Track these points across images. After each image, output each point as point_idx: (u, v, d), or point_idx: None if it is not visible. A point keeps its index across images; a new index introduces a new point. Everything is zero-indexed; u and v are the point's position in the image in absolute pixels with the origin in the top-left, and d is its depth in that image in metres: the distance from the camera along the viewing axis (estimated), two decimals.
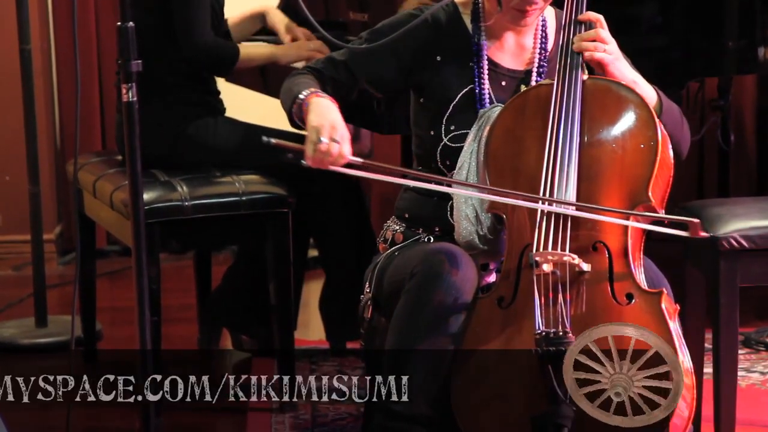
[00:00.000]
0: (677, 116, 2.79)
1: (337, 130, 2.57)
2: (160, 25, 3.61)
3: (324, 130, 2.56)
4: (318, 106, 2.63)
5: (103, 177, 3.67)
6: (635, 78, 2.72)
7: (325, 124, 2.57)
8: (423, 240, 2.82)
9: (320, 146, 2.55)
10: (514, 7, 2.71)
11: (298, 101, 2.67)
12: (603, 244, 2.57)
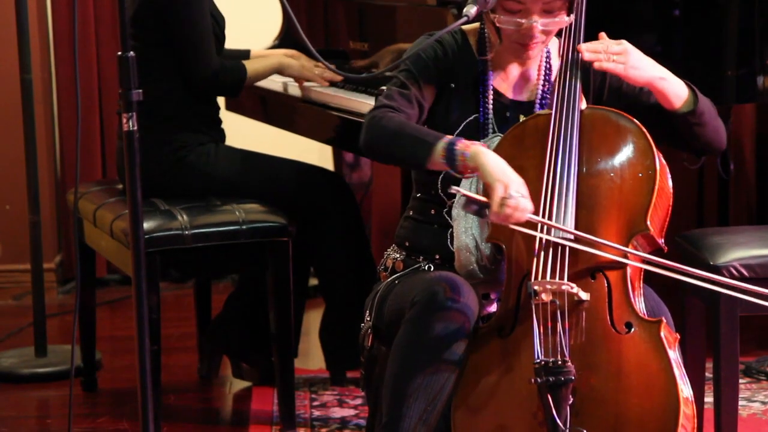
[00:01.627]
0: (712, 108, 2.79)
1: (523, 185, 2.52)
2: (161, 55, 3.62)
3: (512, 185, 2.50)
4: (489, 157, 2.55)
5: (104, 206, 3.67)
6: (662, 74, 2.71)
7: (513, 179, 2.51)
8: (423, 268, 2.82)
9: (509, 202, 2.48)
10: (515, 41, 2.72)
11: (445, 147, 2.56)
12: (602, 273, 2.57)
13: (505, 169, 2.53)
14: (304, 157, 3.94)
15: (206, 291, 4.07)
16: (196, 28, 3.58)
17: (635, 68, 2.69)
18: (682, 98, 2.73)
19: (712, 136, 2.78)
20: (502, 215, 2.49)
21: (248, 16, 4.97)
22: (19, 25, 4.18)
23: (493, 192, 2.50)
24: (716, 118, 2.79)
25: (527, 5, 2.66)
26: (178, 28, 3.59)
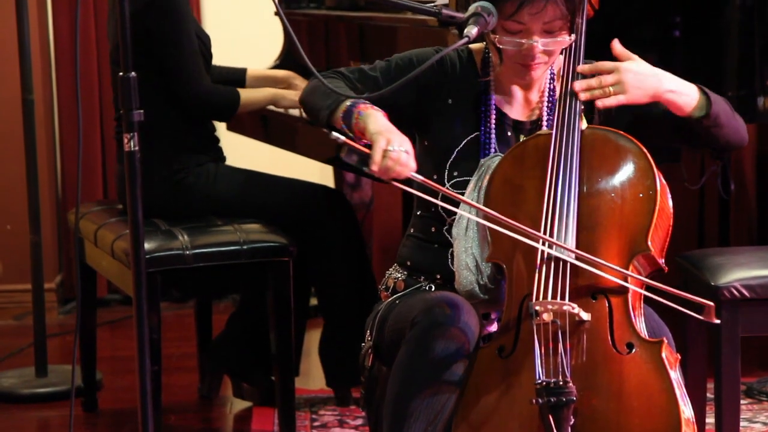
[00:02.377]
0: (726, 106, 2.77)
1: (405, 140, 2.55)
2: (153, 78, 3.62)
3: (395, 138, 2.54)
4: (377, 116, 2.60)
5: (105, 226, 3.67)
6: (664, 87, 2.69)
7: (394, 134, 2.55)
8: (424, 288, 2.81)
9: (391, 154, 2.51)
10: (516, 62, 2.72)
11: (346, 107, 2.63)
12: (603, 293, 2.56)
13: (390, 127, 2.57)
14: (305, 177, 3.94)
15: (207, 311, 4.07)
16: (183, 51, 3.59)
17: (636, 89, 2.69)
18: (692, 104, 2.72)
19: (732, 135, 2.78)
20: (383, 166, 2.52)
21: (249, 36, 4.98)
22: (21, 45, 4.19)
23: (375, 143, 2.53)
24: (733, 116, 2.78)
25: (528, 25, 2.66)
26: (164, 50, 3.60)
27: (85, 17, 4.98)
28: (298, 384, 3.65)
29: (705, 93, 2.74)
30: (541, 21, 2.66)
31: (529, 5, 2.63)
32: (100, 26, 5.03)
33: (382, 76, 2.80)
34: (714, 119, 2.72)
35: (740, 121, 2.81)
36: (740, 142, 2.82)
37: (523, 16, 2.64)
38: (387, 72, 2.81)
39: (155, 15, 3.56)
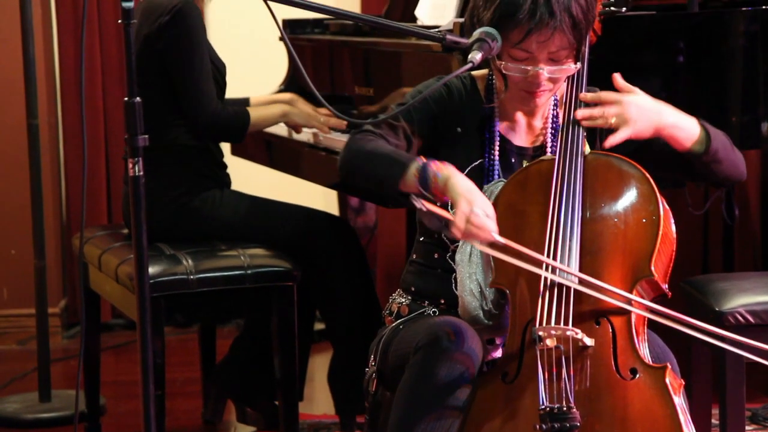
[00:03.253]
0: (726, 141, 2.77)
1: (488, 204, 2.53)
2: (164, 101, 3.64)
3: (477, 202, 2.51)
4: (458, 177, 2.56)
5: (109, 251, 3.68)
6: (665, 121, 2.69)
7: (478, 197, 2.52)
8: (428, 313, 2.81)
9: (474, 218, 2.49)
10: (522, 89, 2.73)
11: (418, 169, 2.57)
12: (606, 318, 2.56)
13: (472, 189, 2.54)
14: (309, 202, 3.95)
15: (211, 335, 4.07)
16: (195, 72, 3.60)
17: (639, 122, 2.69)
18: (692, 138, 2.72)
19: (730, 170, 2.77)
20: (466, 231, 2.49)
21: (254, 61, 5.00)
22: (27, 70, 4.21)
23: (458, 208, 2.50)
24: (732, 150, 2.78)
25: (534, 53, 2.67)
26: (177, 73, 3.61)
27: (90, 42, 5.00)
28: (302, 409, 3.64)
29: (705, 128, 2.74)
30: (547, 49, 2.66)
31: (536, 33, 2.63)
32: (105, 51, 5.05)
33: (407, 121, 2.78)
34: (713, 155, 2.73)
35: (739, 156, 2.81)
36: (739, 176, 2.81)
37: (530, 44, 2.65)
38: (409, 117, 2.78)
39: (170, 36, 3.58)
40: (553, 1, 2.62)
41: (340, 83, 4.13)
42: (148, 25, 3.61)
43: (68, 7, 5.02)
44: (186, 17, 3.58)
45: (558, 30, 2.63)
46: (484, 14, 2.67)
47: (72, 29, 5.02)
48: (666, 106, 2.74)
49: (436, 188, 2.57)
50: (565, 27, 2.63)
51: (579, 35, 2.67)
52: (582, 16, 2.65)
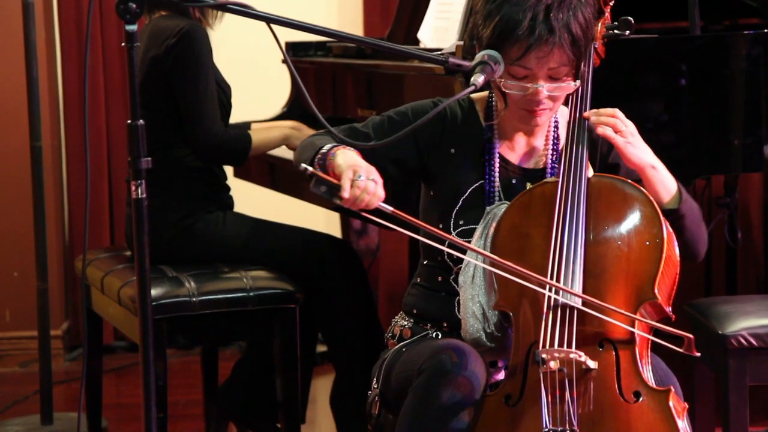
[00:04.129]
0: (697, 213, 2.78)
1: (372, 171, 2.56)
2: (168, 123, 3.65)
3: (361, 169, 2.55)
4: (347, 153, 2.62)
5: (111, 273, 3.68)
6: (654, 163, 2.71)
7: (361, 165, 2.57)
8: (431, 336, 2.81)
9: (359, 182, 2.52)
10: (521, 107, 2.73)
11: (322, 152, 2.65)
12: (609, 341, 2.56)
13: (358, 160, 2.59)
14: (312, 225, 3.95)
15: (213, 358, 4.06)
16: (199, 95, 3.61)
17: (634, 147, 2.70)
18: (669, 193, 2.72)
19: (690, 241, 2.75)
20: (351, 195, 2.52)
21: (257, 83, 5.01)
22: (30, 92, 4.22)
23: (343, 174, 2.54)
24: (699, 225, 2.77)
25: (533, 70, 2.67)
26: (181, 94, 3.62)
27: (94, 65, 5.01)
28: (303, 431, 3.63)
29: (680, 191, 2.74)
30: (546, 66, 2.67)
31: (536, 49, 2.64)
32: (108, 74, 5.06)
33: (374, 131, 2.81)
34: (680, 218, 2.71)
35: (704, 234, 2.80)
36: (696, 253, 2.79)
37: (530, 60, 2.65)
38: (380, 127, 2.82)
39: (176, 58, 3.58)
40: (552, 18, 2.62)
41: (342, 105, 4.13)
42: (155, 47, 3.62)
43: (71, 29, 5.03)
44: (193, 40, 3.58)
45: (557, 46, 2.64)
46: (483, 32, 2.67)
47: (75, 51, 5.03)
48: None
49: (330, 166, 2.62)
50: (564, 43, 2.64)
51: (578, 52, 2.68)
52: (581, 33, 2.66)
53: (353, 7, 5.29)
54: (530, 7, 2.62)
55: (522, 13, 2.62)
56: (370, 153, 2.75)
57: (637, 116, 3.42)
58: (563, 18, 2.63)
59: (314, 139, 2.76)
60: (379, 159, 2.76)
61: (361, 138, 2.79)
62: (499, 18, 2.64)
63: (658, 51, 3.51)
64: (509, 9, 2.63)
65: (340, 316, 3.73)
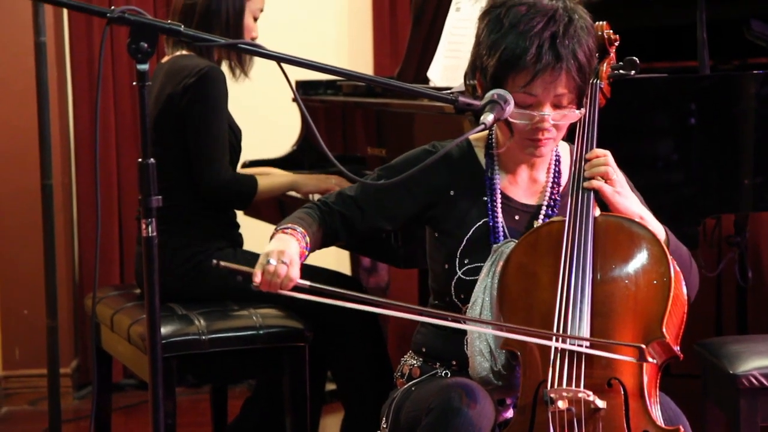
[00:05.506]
0: (686, 260, 2.79)
1: (285, 254, 2.62)
2: (180, 161, 3.66)
3: (273, 253, 2.61)
4: (277, 238, 2.68)
5: (121, 311, 3.68)
6: (642, 213, 2.73)
7: (275, 249, 2.62)
8: (440, 374, 2.81)
9: (268, 267, 2.60)
10: (526, 137, 2.74)
11: (272, 234, 2.72)
12: (618, 380, 2.55)
13: (274, 244, 2.65)
14: (321, 262, 3.95)
15: (222, 396, 4.06)
16: (211, 137, 3.62)
17: (622, 196, 2.72)
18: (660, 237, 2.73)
19: None
20: (264, 280, 2.60)
21: (267, 122, 5.03)
22: (41, 131, 4.24)
23: (258, 262, 2.61)
24: (689, 270, 2.78)
25: (539, 98, 2.68)
26: (193, 133, 3.63)
27: (105, 103, 5.04)
28: None
29: (668, 237, 2.75)
30: (553, 92, 2.68)
31: (543, 75, 2.65)
32: (119, 112, 5.08)
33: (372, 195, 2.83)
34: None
35: (694, 278, 2.81)
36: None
37: (537, 87, 2.66)
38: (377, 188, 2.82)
39: (192, 98, 3.60)
40: (559, 45, 2.64)
41: (352, 144, 4.15)
42: (172, 84, 3.64)
43: (83, 68, 5.06)
44: (211, 81, 3.60)
45: (565, 72, 2.65)
46: (489, 61, 2.69)
47: (87, 90, 5.06)
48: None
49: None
50: (571, 69, 2.65)
51: (584, 78, 2.70)
52: (586, 60, 2.68)
53: (363, 46, 5.31)
54: (536, 35, 2.64)
55: (528, 41, 2.64)
56: (359, 216, 2.80)
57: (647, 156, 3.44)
58: (569, 45, 2.65)
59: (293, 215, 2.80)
60: (370, 220, 2.81)
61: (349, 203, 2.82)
62: (505, 46, 2.66)
63: (667, 90, 3.52)
64: (515, 37, 2.65)
65: (349, 355, 3.73)
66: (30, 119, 4.48)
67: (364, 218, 2.81)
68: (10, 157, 4.93)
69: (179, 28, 2.50)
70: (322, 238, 2.79)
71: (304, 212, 2.81)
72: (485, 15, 2.74)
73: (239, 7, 3.72)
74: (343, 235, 2.82)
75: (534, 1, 2.69)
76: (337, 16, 5.34)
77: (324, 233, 2.79)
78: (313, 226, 2.76)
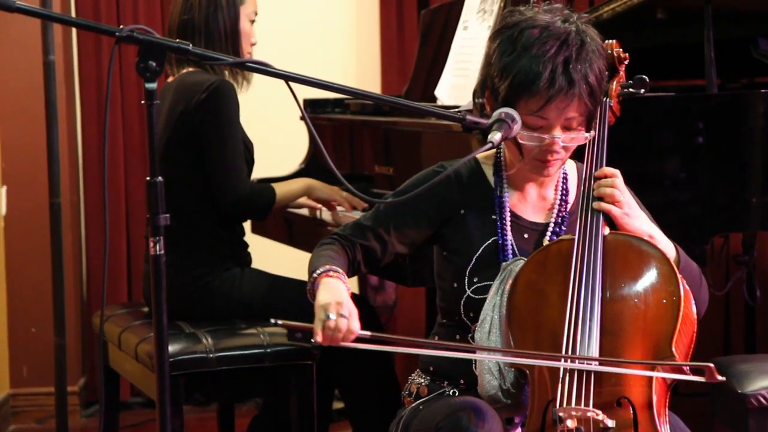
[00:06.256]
0: (696, 276, 2.79)
1: (343, 306, 2.56)
2: (191, 179, 3.66)
3: (331, 307, 2.56)
4: (327, 285, 2.62)
5: (129, 329, 3.68)
6: (651, 232, 2.73)
7: (331, 302, 2.57)
8: (448, 393, 2.80)
9: (328, 323, 2.54)
10: (535, 158, 2.74)
11: (312, 278, 2.67)
12: (627, 399, 2.55)
13: (330, 293, 2.59)
14: None
15: (230, 414, 4.05)
16: (228, 151, 3.62)
17: (631, 217, 2.72)
18: (670, 255, 2.73)
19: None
20: (326, 336, 2.54)
21: (275, 140, 5.03)
22: (50, 149, 4.25)
23: (315, 317, 2.56)
24: (698, 288, 2.77)
25: (550, 121, 2.68)
26: (210, 150, 3.63)
27: (113, 122, 5.05)
28: None
29: (679, 254, 2.76)
30: (564, 116, 2.68)
31: (556, 100, 2.65)
32: (128, 131, 5.09)
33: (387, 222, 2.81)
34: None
35: (704, 296, 2.81)
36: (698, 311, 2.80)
37: (550, 111, 2.67)
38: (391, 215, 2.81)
39: (206, 113, 3.61)
40: (572, 70, 2.64)
41: (360, 162, 4.15)
42: (184, 102, 3.64)
43: (92, 86, 5.07)
44: (222, 95, 3.61)
45: (577, 97, 2.65)
46: (500, 84, 2.68)
47: (95, 108, 5.07)
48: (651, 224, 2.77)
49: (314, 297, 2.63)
50: (583, 93, 2.66)
51: (595, 102, 2.70)
52: (596, 83, 2.69)
53: (371, 65, 5.32)
54: (549, 59, 2.64)
55: (541, 65, 2.63)
56: (379, 246, 2.79)
57: (655, 174, 3.44)
58: (581, 69, 2.65)
59: (318, 254, 2.76)
60: (390, 248, 2.81)
61: (368, 233, 2.80)
62: (517, 71, 2.65)
63: (675, 109, 3.52)
64: (528, 62, 2.65)
65: (356, 373, 3.72)
66: (39, 137, 4.50)
67: (384, 248, 2.81)
68: (18, 174, 4.95)
69: (188, 46, 2.50)
70: (347, 272, 2.77)
71: (329, 249, 2.78)
72: (497, 35, 2.73)
73: (234, 15, 3.73)
74: (366, 266, 2.82)
75: (547, 23, 2.68)
76: (344, 35, 5.36)
77: (349, 267, 2.78)
78: (344, 264, 2.74)
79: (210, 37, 3.69)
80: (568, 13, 2.73)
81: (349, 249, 2.79)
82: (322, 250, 2.78)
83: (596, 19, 3.40)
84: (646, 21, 3.86)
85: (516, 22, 2.71)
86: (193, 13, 3.70)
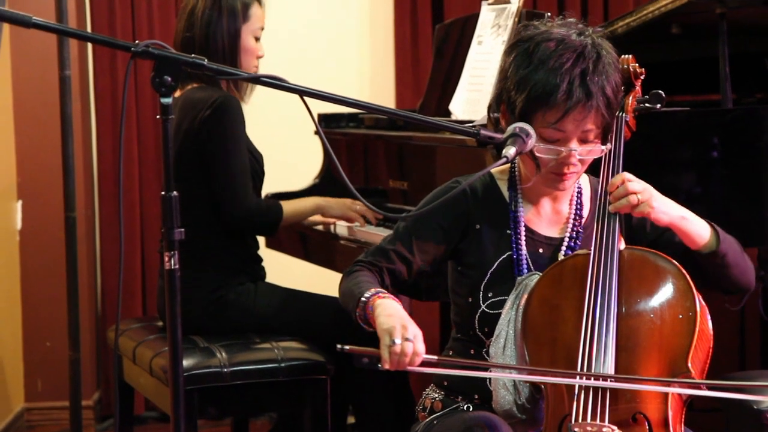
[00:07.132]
0: (737, 248, 2.79)
1: (408, 329, 2.53)
2: (201, 195, 3.66)
3: (396, 331, 2.53)
4: (385, 308, 2.60)
5: (143, 343, 3.68)
6: (683, 213, 2.73)
7: (396, 325, 2.53)
8: (462, 408, 2.80)
9: (395, 348, 2.51)
10: (551, 171, 2.73)
11: (362, 303, 2.64)
12: (643, 415, 2.54)
13: (391, 317, 2.55)
14: None
15: (244, 428, 4.05)
16: (233, 167, 3.62)
17: (658, 210, 2.71)
18: (704, 238, 2.74)
19: (738, 276, 2.79)
20: (393, 361, 2.51)
21: (289, 155, 5.04)
22: (65, 163, 4.26)
23: (380, 342, 2.52)
24: (742, 258, 2.80)
25: (567, 133, 2.68)
26: (216, 166, 3.64)
27: (128, 136, 5.06)
28: None
29: (716, 230, 2.76)
30: (581, 129, 2.68)
31: (574, 112, 2.65)
32: (142, 145, 5.10)
33: (409, 242, 2.81)
34: (722, 257, 2.74)
35: (749, 264, 2.82)
36: (747, 284, 2.82)
37: (567, 124, 2.66)
38: (411, 234, 2.81)
39: (210, 130, 3.61)
40: (589, 82, 2.64)
41: (374, 177, 4.15)
42: (188, 119, 3.65)
43: (107, 101, 5.08)
44: (227, 112, 3.61)
45: (594, 109, 2.65)
46: (517, 97, 2.68)
47: (110, 123, 5.08)
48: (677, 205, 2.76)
49: (374, 322, 2.60)
50: (600, 106, 2.65)
51: (611, 114, 2.70)
52: (613, 95, 2.69)
53: (385, 79, 5.33)
54: (566, 72, 2.64)
55: (559, 77, 2.63)
56: (404, 268, 2.79)
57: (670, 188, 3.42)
58: (599, 81, 2.65)
59: (353, 281, 2.74)
60: (415, 268, 2.80)
61: (392, 255, 2.79)
62: (534, 83, 2.65)
63: (690, 124, 3.52)
64: (545, 74, 2.65)
65: (370, 388, 3.72)
66: (54, 152, 4.51)
67: (409, 268, 2.80)
68: (34, 189, 4.96)
69: (203, 61, 2.51)
70: None
71: (361, 275, 2.76)
72: (512, 49, 2.73)
73: (234, 31, 3.73)
74: (394, 289, 2.81)
75: (562, 37, 2.68)
76: (359, 50, 5.36)
77: None
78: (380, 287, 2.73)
79: (208, 54, 3.69)
80: (583, 27, 2.73)
81: (377, 273, 2.79)
82: (354, 277, 2.76)
83: (611, 34, 3.39)
84: (661, 36, 3.86)
85: (531, 35, 2.71)
86: (195, 30, 3.71)
